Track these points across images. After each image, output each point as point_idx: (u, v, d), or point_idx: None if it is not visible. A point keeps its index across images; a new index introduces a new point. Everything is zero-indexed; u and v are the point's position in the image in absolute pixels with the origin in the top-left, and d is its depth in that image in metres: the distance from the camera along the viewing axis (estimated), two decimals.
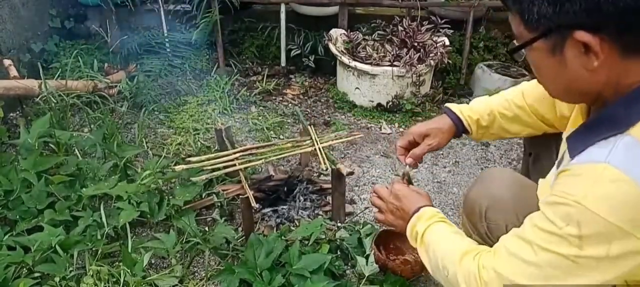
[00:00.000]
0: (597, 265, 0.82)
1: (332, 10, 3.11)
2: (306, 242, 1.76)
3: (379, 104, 2.83)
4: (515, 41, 0.93)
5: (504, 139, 1.41)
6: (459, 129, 1.38)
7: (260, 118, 2.73)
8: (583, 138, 0.89)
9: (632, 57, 0.82)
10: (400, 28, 2.85)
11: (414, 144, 1.41)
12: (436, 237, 1.13)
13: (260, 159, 1.95)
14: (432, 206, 1.23)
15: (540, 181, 1.09)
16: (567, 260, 0.84)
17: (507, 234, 0.98)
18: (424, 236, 1.15)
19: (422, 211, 1.19)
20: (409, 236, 1.20)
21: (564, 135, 1.04)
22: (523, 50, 0.92)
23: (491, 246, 1.03)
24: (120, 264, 1.65)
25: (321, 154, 1.95)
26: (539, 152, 1.38)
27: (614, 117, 0.85)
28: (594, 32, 0.79)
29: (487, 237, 1.24)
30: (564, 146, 1.03)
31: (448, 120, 1.39)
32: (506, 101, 1.37)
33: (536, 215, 0.91)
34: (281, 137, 2.59)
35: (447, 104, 1.42)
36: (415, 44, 2.79)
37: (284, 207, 1.99)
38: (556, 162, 1.07)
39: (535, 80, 1.30)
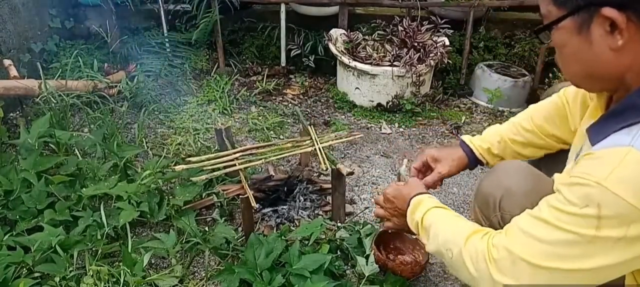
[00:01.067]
0: (613, 246, 0.83)
1: (332, 10, 3.11)
2: (306, 242, 1.76)
3: (379, 104, 2.83)
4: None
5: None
6: (471, 159, 1.41)
7: (260, 118, 2.73)
8: (605, 126, 0.90)
9: None
10: (400, 28, 2.86)
11: (427, 165, 1.45)
12: (436, 220, 1.14)
13: (260, 159, 1.96)
14: (426, 192, 1.25)
15: (556, 175, 1.08)
16: (583, 240, 0.84)
17: (520, 215, 0.97)
18: (423, 221, 1.17)
19: (414, 201, 1.22)
20: (413, 228, 1.22)
21: (583, 128, 1.04)
22: (549, 30, 0.93)
23: None
24: (120, 264, 1.65)
25: (321, 154, 1.95)
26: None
27: (638, 104, 0.86)
28: (620, 9, 0.81)
29: (500, 227, 1.21)
30: (581, 139, 1.05)
31: (460, 150, 1.42)
32: (515, 126, 1.38)
33: (552, 196, 0.91)
34: (281, 137, 2.59)
35: (463, 137, 1.45)
36: (415, 44, 2.79)
37: (284, 207, 1.99)
38: (574, 155, 1.08)
39: (542, 102, 1.35)
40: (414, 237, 1.83)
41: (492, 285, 0.95)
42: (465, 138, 1.44)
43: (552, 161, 1.30)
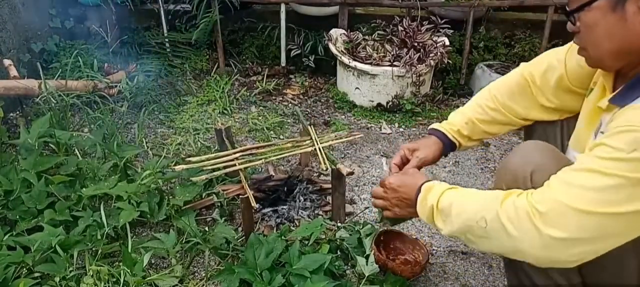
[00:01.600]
0: None
1: (332, 10, 3.11)
2: (306, 242, 1.76)
3: (379, 104, 2.83)
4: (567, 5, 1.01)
5: (488, 139, 1.51)
6: (445, 143, 1.48)
7: (260, 118, 2.73)
8: (634, 91, 0.96)
9: None
10: (400, 28, 2.85)
11: (405, 160, 1.49)
12: (456, 198, 1.13)
13: (260, 159, 1.96)
14: (432, 179, 1.25)
15: (579, 155, 1.12)
16: (630, 183, 0.88)
17: (558, 172, 0.99)
18: (439, 204, 1.15)
19: (425, 187, 1.21)
20: (423, 215, 1.21)
21: (597, 105, 1.10)
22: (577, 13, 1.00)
23: None
24: (120, 264, 1.65)
25: (321, 154, 1.95)
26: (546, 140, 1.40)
27: None
28: None
29: None
30: (595, 116, 1.11)
31: (433, 137, 1.50)
32: (479, 107, 1.47)
33: (595, 149, 0.94)
34: (281, 137, 2.59)
35: (432, 125, 1.53)
36: (415, 44, 2.79)
37: (284, 207, 2.00)
38: (592, 132, 1.12)
39: (503, 80, 1.45)
40: (414, 237, 1.83)
41: (538, 239, 0.94)
42: (434, 125, 1.51)
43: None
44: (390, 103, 2.80)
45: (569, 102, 1.34)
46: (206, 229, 1.85)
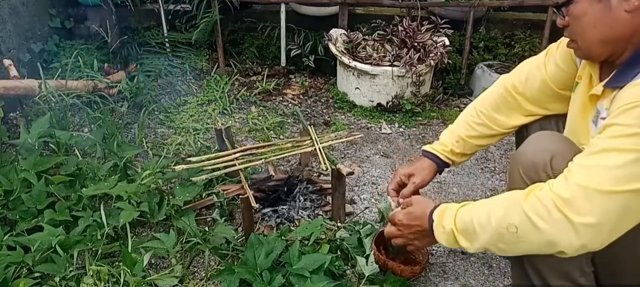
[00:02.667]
0: None
1: (332, 10, 3.11)
2: (306, 242, 1.76)
3: (379, 104, 2.83)
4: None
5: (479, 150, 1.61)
6: (439, 164, 1.55)
7: (260, 118, 2.73)
8: (629, 71, 1.01)
9: None
10: (400, 28, 2.85)
11: (402, 185, 1.55)
12: (474, 212, 1.13)
13: (260, 159, 1.95)
14: (440, 203, 1.26)
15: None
16: None
17: (574, 158, 1.02)
18: (458, 224, 1.15)
19: (438, 212, 1.22)
20: (443, 241, 1.21)
21: (588, 95, 1.16)
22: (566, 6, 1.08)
23: None
24: (120, 264, 1.65)
25: (321, 154, 1.95)
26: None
27: None
28: None
29: None
30: (589, 105, 1.16)
31: (427, 160, 1.55)
32: (466, 123, 1.53)
33: (607, 130, 0.97)
34: (281, 137, 2.59)
35: (424, 147, 1.60)
36: (415, 44, 2.79)
37: (284, 207, 1.99)
38: (590, 121, 1.17)
39: (484, 97, 1.52)
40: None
41: (570, 229, 0.96)
42: (427, 148, 1.58)
43: None
44: (390, 103, 2.80)
45: (554, 104, 1.39)
46: (206, 229, 1.85)
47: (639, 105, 0.93)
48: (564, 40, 1.27)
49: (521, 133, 1.50)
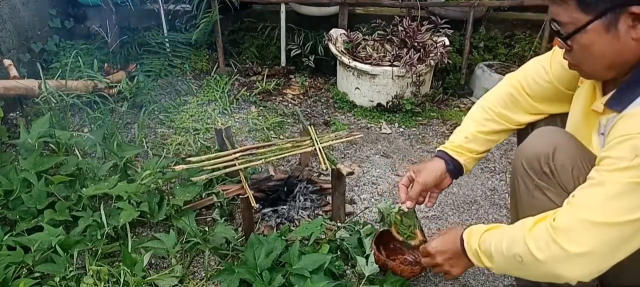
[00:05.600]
0: None
1: (332, 10, 3.11)
2: (306, 242, 1.76)
3: (379, 104, 2.83)
4: (560, 29, 1.09)
5: (490, 149, 1.63)
6: (448, 161, 1.51)
7: (260, 118, 2.73)
8: (627, 95, 1.03)
9: None
10: (400, 28, 2.85)
11: (412, 179, 1.53)
12: (493, 236, 1.17)
13: (260, 159, 1.95)
14: (465, 228, 1.29)
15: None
16: (639, 186, 0.94)
17: (574, 191, 1.05)
18: (481, 246, 1.19)
19: (466, 233, 1.26)
20: (476, 260, 1.23)
21: (595, 108, 1.16)
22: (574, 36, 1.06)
23: (558, 184, 1.15)
24: (120, 264, 1.65)
25: (321, 154, 1.95)
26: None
27: None
28: None
29: (553, 176, 1.24)
30: (592, 118, 1.18)
31: (436, 158, 1.53)
32: (475, 121, 1.53)
33: (601, 164, 1.01)
34: (281, 137, 2.59)
35: (439, 147, 1.57)
36: (415, 44, 2.79)
37: (284, 207, 1.99)
38: (595, 133, 1.18)
39: (493, 93, 1.53)
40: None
41: (566, 259, 1.00)
42: (441, 147, 1.55)
43: None
44: (390, 103, 2.80)
45: (560, 103, 1.40)
46: (206, 229, 1.85)
47: (630, 138, 0.96)
48: None
49: (526, 131, 1.51)
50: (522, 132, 1.53)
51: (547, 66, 1.39)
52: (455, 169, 1.52)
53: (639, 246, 1.00)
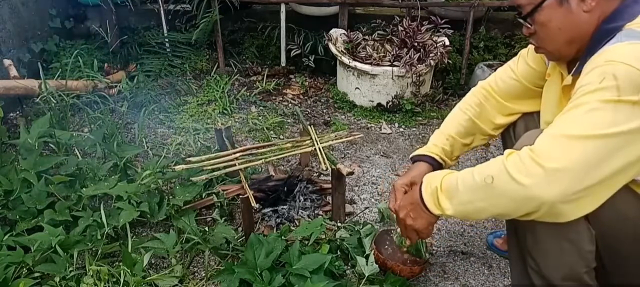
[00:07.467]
0: (632, 109, 0.99)
1: (332, 10, 3.11)
2: (306, 242, 1.76)
3: (379, 104, 2.83)
4: (521, 12, 1.19)
5: (467, 152, 1.70)
6: (434, 165, 1.55)
7: (260, 118, 2.73)
8: (588, 57, 1.10)
9: None
10: (400, 28, 2.85)
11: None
12: (460, 174, 1.19)
13: (260, 159, 1.95)
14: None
15: None
16: (609, 106, 1.00)
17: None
18: (443, 184, 1.21)
19: (426, 179, 1.28)
20: (429, 203, 1.24)
21: (565, 83, 1.23)
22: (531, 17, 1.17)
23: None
24: (120, 264, 1.65)
25: (321, 154, 1.95)
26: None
27: (604, 31, 1.11)
28: None
29: None
30: (566, 96, 1.22)
31: (422, 163, 1.56)
32: (453, 124, 1.60)
33: (573, 97, 1.08)
34: (281, 137, 2.59)
35: (414, 153, 1.61)
36: (415, 44, 2.79)
37: (284, 207, 2.00)
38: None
39: (469, 97, 1.61)
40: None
41: (544, 177, 1.02)
42: (418, 152, 1.59)
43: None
44: (390, 103, 2.80)
45: (530, 100, 1.49)
46: (206, 229, 1.85)
47: (596, 67, 1.04)
48: (532, 46, 1.37)
49: (508, 132, 1.58)
50: (507, 133, 1.59)
51: (514, 67, 1.50)
52: (438, 168, 1.55)
53: (614, 170, 1.03)
